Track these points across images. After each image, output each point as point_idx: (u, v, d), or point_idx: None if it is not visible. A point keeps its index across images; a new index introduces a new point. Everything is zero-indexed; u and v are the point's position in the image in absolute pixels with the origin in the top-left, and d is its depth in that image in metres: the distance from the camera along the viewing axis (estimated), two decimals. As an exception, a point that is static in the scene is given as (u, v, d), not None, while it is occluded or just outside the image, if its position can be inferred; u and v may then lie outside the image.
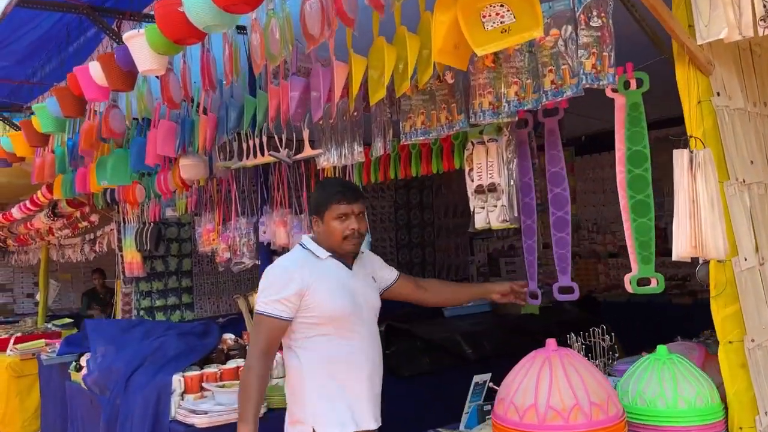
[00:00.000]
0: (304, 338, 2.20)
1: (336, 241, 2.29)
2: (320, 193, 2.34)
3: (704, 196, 1.83)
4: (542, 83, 2.13)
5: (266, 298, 2.16)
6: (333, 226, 2.28)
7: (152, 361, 3.28)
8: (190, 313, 6.19)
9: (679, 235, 1.83)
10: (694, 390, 1.96)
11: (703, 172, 1.83)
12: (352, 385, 2.21)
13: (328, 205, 2.28)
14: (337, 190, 2.30)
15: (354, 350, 2.22)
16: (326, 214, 2.29)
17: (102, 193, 5.17)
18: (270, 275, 2.23)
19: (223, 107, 3.30)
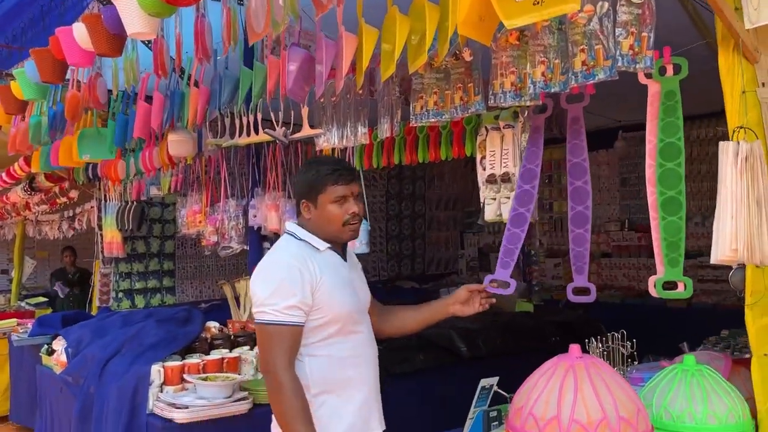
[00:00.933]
0: (311, 344, 1.94)
1: (335, 228, 2.01)
2: (312, 174, 2.01)
3: (752, 194, 1.66)
4: (572, 64, 1.95)
5: (279, 305, 1.86)
6: (330, 211, 1.99)
7: (129, 348, 3.07)
8: (171, 298, 5.98)
9: (719, 236, 1.66)
10: (725, 406, 1.80)
11: (751, 167, 1.66)
12: (360, 388, 1.99)
13: (324, 187, 1.99)
14: (332, 169, 2.00)
15: (359, 350, 2.02)
16: (321, 198, 2.00)
17: (83, 168, 4.92)
18: (275, 274, 1.91)
19: (217, 80, 3.08)
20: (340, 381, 1.94)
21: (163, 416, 2.64)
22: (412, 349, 3.88)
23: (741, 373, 2.12)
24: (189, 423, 2.59)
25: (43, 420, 3.78)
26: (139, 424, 2.67)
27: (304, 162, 2.13)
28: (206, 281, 6.25)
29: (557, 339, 4.55)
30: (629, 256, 6.87)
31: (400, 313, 2.29)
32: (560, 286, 7.30)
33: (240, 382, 2.84)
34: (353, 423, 1.96)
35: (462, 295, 2.17)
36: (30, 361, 4.79)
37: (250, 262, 4.11)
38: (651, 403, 1.87)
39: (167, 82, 3.26)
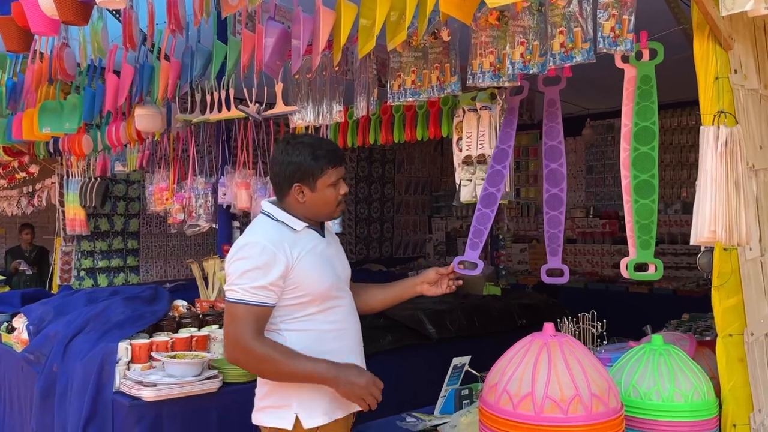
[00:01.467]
0: (292, 319, 1.95)
1: (329, 209, 2.03)
2: (309, 157, 1.96)
3: (730, 177, 1.70)
4: (551, 46, 1.95)
5: (248, 284, 1.86)
6: (327, 194, 2.00)
7: (94, 326, 3.00)
8: (136, 277, 5.87)
9: (698, 218, 1.69)
10: (691, 384, 1.84)
11: (731, 151, 1.69)
12: (343, 359, 1.98)
13: (324, 170, 1.97)
14: (328, 152, 2.00)
15: (341, 324, 2.02)
16: (320, 181, 1.98)
17: (44, 143, 4.77)
18: (248, 255, 1.89)
19: (188, 53, 3.01)
20: (323, 354, 1.93)
21: (131, 394, 2.59)
22: (381, 329, 3.90)
23: (705, 354, 2.18)
24: (157, 401, 2.55)
25: (2, 398, 3.68)
26: (105, 401, 2.62)
27: (284, 140, 2.07)
28: (172, 260, 6.15)
29: (524, 322, 4.62)
30: (593, 242, 7.01)
31: (370, 290, 2.30)
32: (526, 271, 7.41)
33: (209, 361, 2.80)
34: (334, 397, 1.96)
35: (431, 276, 2.19)
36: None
37: (219, 241, 4.06)
38: (620, 381, 1.91)
39: (136, 54, 3.17)
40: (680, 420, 1.81)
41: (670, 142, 6.54)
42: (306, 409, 1.94)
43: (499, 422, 1.66)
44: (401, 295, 2.26)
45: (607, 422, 1.62)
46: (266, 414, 1.98)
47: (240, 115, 3.02)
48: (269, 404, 1.98)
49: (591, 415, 1.61)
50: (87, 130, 4.29)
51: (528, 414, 1.61)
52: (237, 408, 2.72)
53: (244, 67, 2.60)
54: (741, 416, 1.86)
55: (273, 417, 1.96)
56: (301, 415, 1.93)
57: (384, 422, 2.19)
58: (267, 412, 1.99)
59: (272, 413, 1.97)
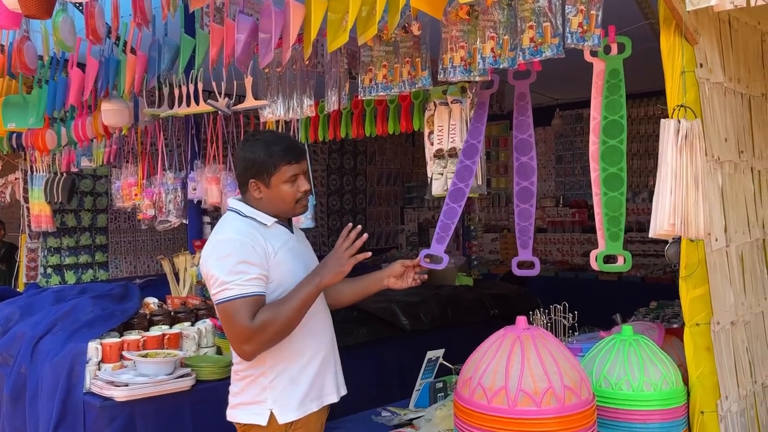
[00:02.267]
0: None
1: (287, 207, 2.02)
2: (263, 153, 1.97)
3: (690, 170, 1.73)
4: (521, 40, 1.97)
5: (240, 279, 1.85)
6: (284, 191, 1.99)
7: (63, 326, 2.94)
8: (104, 273, 5.78)
9: (658, 211, 1.72)
10: (660, 373, 1.88)
11: (690, 145, 1.72)
12: (313, 356, 2.00)
13: (277, 167, 1.97)
14: (284, 149, 1.98)
15: (311, 320, 2.01)
16: (274, 178, 1.98)
17: (6, 137, 4.65)
18: (228, 251, 1.88)
19: (155, 47, 2.95)
20: (296, 350, 1.95)
21: (102, 394, 2.56)
22: (355, 322, 3.90)
23: (673, 342, 2.23)
24: (129, 401, 2.52)
25: (-31, 401, 3.60)
26: (76, 402, 2.57)
27: (245, 137, 2.06)
28: (141, 256, 6.06)
29: (496, 312, 4.67)
30: (563, 231, 7.10)
31: (338, 286, 2.28)
32: (497, 260, 7.48)
33: (182, 359, 2.78)
34: (308, 391, 1.98)
35: (396, 270, 2.17)
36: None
37: (189, 237, 4.02)
38: (591, 372, 1.95)
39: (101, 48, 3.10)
40: (650, 409, 1.85)
41: (637, 132, 6.63)
42: (280, 404, 1.94)
43: (473, 416, 1.67)
44: (368, 289, 2.26)
45: (579, 413, 1.65)
46: (240, 410, 1.98)
47: (209, 110, 2.98)
48: (243, 401, 1.98)
49: (564, 407, 1.63)
50: (51, 125, 4.19)
51: (502, 407, 1.63)
52: (211, 405, 2.70)
53: (213, 60, 2.57)
54: (708, 403, 1.91)
55: (247, 413, 1.96)
56: (275, 410, 1.93)
57: (359, 417, 2.20)
58: (241, 408, 1.98)
59: (246, 409, 1.97)
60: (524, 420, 1.62)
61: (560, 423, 1.62)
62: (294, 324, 1.90)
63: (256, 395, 1.96)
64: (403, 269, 2.17)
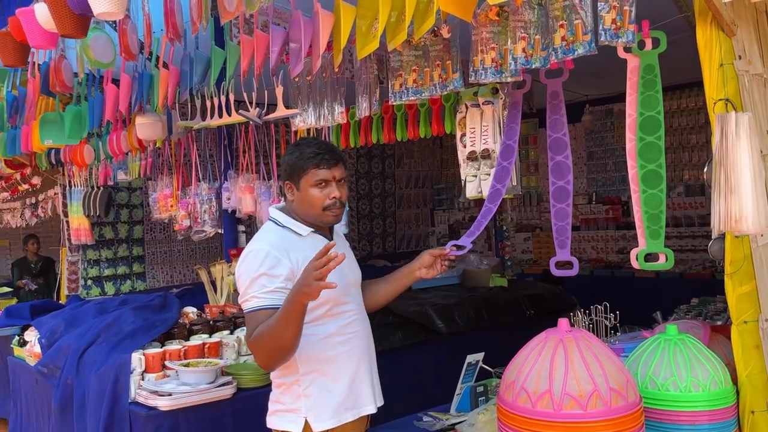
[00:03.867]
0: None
1: (315, 212, 2.01)
2: (295, 155, 2.00)
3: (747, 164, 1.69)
4: (552, 39, 1.95)
5: (258, 291, 1.86)
6: (312, 195, 1.99)
7: (106, 337, 3.01)
8: (142, 283, 5.88)
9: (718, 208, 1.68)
10: (708, 373, 1.84)
11: (747, 137, 1.69)
12: (349, 364, 2.00)
13: (306, 170, 1.98)
14: (315, 152, 1.99)
15: (349, 328, 2.02)
16: (303, 180, 1.99)
17: (45, 154, 4.78)
18: (254, 262, 1.89)
19: (187, 60, 3.00)
20: (328, 358, 1.95)
21: (147, 404, 2.60)
22: (391, 327, 3.91)
23: (719, 341, 2.18)
24: (173, 410, 2.56)
25: (18, 411, 3.69)
26: (122, 412, 2.63)
27: (293, 143, 2.09)
28: (177, 266, 6.16)
29: (531, 313, 4.63)
30: (597, 229, 7.00)
31: (373, 287, 2.29)
32: (530, 260, 7.41)
33: (222, 367, 2.81)
34: (343, 400, 1.97)
35: (426, 260, 2.18)
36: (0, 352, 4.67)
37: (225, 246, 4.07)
38: (636, 373, 1.91)
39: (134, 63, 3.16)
40: (699, 410, 1.81)
41: (670, 125, 6.52)
42: (314, 412, 1.94)
43: (518, 420, 1.66)
44: (401, 283, 2.26)
45: (626, 416, 1.62)
46: (278, 417, 2.00)
47: (241, 120, 3.02)
48: (280, 408, 2.00)
49: (610, 409, 1.61)
50: (88, 140, 4.29)
51: (547, 411, 1.62)
52: (252, 413, 2.73)
53: (244, 71, 2.60)
54: (759, 402, 1.86)
55: (284, 420, 1.97)
56: (309, 418, 1.94)
57: (400, 422, 2.19)
58: (278, 415, 2.00)
59: (283, 417, 1.98)
60: (570, 424, 1.60)
61: (607, 426, 1.59)
62: (284, 341, 1.80)
63: (291, 403, 1.97)
64: (432, 259, 2.18)
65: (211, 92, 3.06)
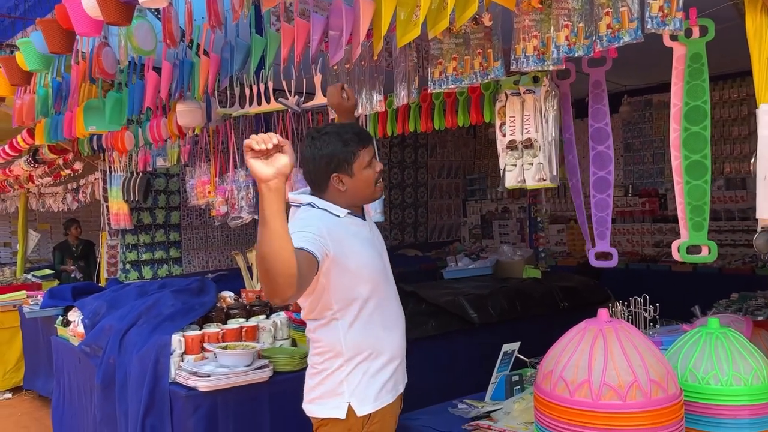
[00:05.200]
0: (343, 307, 1.93)
1: (370, 190, 2.01)
2: (335, 145, 1.95)
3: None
4: (597, 27, 1.92)
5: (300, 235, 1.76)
6: (366, 175, 1.98)
7: (147, 319, 3.08)
8: (178, 268, 5.99)
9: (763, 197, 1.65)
10: (750, 367, 1.82)
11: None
12: (390, 348, 1.99)
13: (357, 153, 1.96)
14: (355, 134, 1.99)
15: (388, 309, 2.02)
16: (355, 165, 1.97)
17: (87, 140, 4.89)
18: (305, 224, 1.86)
19: (227, 48, 3.04)
20: (372, 343, 1.95)
21: (186, 384, 2.66)
22: (424, 315, 3.91)
23: (762, 335, 2.14)
24: (212, 391, 2.61)
25: (61, 389, 3.81)
26: (162, 391, 2.69)
27: (310, 137, 2.03)
28: (212, 251, 6.26)
29: (566, 305, 4.59)
30: (633, 222, 6.90)
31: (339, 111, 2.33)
32: (564, 252, 7.34)
33: (260, 350, 2.86)
34: (385, 383, 1.98)
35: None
36: (43, 332, 4.82)
37: (261, 232, 4.10)
38: (676, 366, 1.89)
39: (175, 51, 3.21)
40: (740, 404, 1.79)
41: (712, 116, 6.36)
42: (357, 397, 1.93)
43: (556, 409, 1.66)
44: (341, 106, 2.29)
45: (666, 408, 1.61)
46: (318, 405, 1.97)
47: (280, 108, 3.05)
48: (320, 394, 1.97)
49: (650, 401, 1.60)
50: (128, 126, 4.38)
51: (586, 401, 1.61)
52: (288, 396, 2.77)
53: (284, 59, 2.62)
54: (802, 399, 1.83)
55: (325, 407, 1.95)
56: (353, 403, 1.92)
57: (435, 409, 2.21)
58: (318, 402, 1.97)
59: (324, 403, 1.95)
60: (609, 414, 1.59)
61: (647, 417, 1.58)
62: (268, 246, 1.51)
63: (333, 389, 1.94)
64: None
65: (251, 80, 3.10)
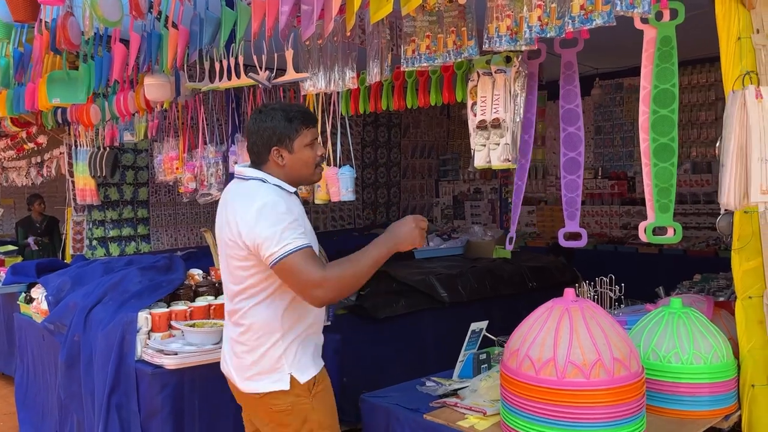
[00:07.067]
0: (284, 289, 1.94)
1: (309, 171, 2.06)
2: (279, 120, 2.00)
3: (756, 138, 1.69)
4: (570, 8, 1.92)
5: (294, 233, 1.86)
6: (306, 154, 2.02)
7: (113, 296, 3.04)
8: (146, 245, 5.90)
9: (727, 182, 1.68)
10: (710, 346, 1.87)
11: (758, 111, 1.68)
12: (315, 323, 2.08)
13: (299, 131, 2.00)
14: (301, 113, 2.03)
15: None
16: (296, 142, 2.01)
17: (52, 113, 4.76)
18: (277, 213, 1.89)
19: (197, 21, 2.96)
20: (300, 314, 2.01)
21: (153, 362, 2.64)
22: (394, 294, 3.93)
23: (722, 315, 2.20)
24: (178, 369, 2.59)
25: (25, 367, 3.75)
26: (128, 369, 2.66)
27: (257, 110, 2.08)
28: (181, 229, 6.18)
29: (534, 284, 4.65)
30: (602, 204, 6.99)
31: None
32: (534, 233, 7.42)
33: (228, 329, 2.83)
34: (314, 349, 2.07)
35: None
36: (5, 310, 4.73)
37: (231, 209, 4.04)
38: (639, 345, 1.94)
39: (143, 23, 3.12)
40: (700, 382, 1.84)
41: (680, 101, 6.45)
42: (297, 366, 1.98)
43: (521, 387, 1.68)
44: None
45: (628, 385, 1.64)
46: (258, 381, 1.99)
47: (250, 83, 2.99)
48: (258, 371, 1.99)
49: (613, 378, 1.63)
50: (94, 100, 4.26)
51: (551, 379, 1.64)
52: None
53: (254, 33, 2.57)
54: (759, 377, 1.89)
55: (267, 382, 1.97)
56: (294, 373, 1.97)
57: (404, 386, 2.22)
58: (258, 379, 1.99)
59: (264, 378, 1.98)
60: (573, 391, 1.62)
61: (610, 394, 1.62)
62: (363, 281, 1.88)
63: (271, 364, 1.97)
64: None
65: (221, 54, 3.03)
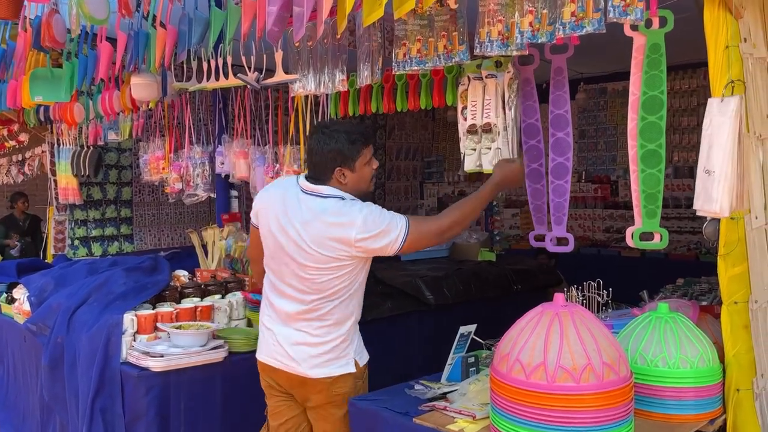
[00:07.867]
0: (360, 283, 2.27)
1: (366, 185, 2.30)
2: (343, 142, 2.20)
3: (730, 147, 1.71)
4: (561, 14, 1.93)
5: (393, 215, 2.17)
6: (366, 171, 2.26)
7: (97, 298, 3.00)
8: (130, 245, 5.84)
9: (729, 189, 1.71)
10: (696, 351, 1.89)
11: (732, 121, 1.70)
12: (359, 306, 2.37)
13: (360, 152, 2.22)
14: (362, 134, 2.25)
15: None
16: (359, 162, 2.22)
17: (34, 110, 4.69)
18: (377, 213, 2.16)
19: (185, 20, 2.94)
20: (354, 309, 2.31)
21: (138, 365, 2.61)
22: (380, 296, 3.92)
23: (707, 320, 2.23)
24: (164, 371, 2.57)
25: (5, 368, 3.69)
26: (113, 372, 2.63)
27: (317, 129, 2.29)
28: (165, 229, 6.13)
29: (519, 287, 4.68)
30: (585, 207, 7.05)
31: None
32: (518, 236, 7.46)
33: (214, 331, 2.82)
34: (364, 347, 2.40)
35: None
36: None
37: (217, 210, 4.04)
38: (626, 349, 1.95)
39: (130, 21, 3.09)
40: (686, 386, 1.86)
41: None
42: (357, 351, 2.31)
43: (512, 391, 1.69)
44: None
45: (618, 390, 1.66)
46: (328, 367, 2.25)
47: (238, 84, 2.98)
48: (329, 358, 2.25)
49: (603, 383, 1.64)
50: (78, 98, 4.21)
51: (541, 383, 1.65)
52: (243, 376, 2.75)
53: (244, 35, 2.55)
54: (744, 381, 1.91)
55: (336, 366, 2.25)
56: (357, 357, 2.29)
57: (393, 390, 2.22)
58: (328, 366, 2.25)
59: (335, 364, 2.25)
60: (563, 396, 1.63)
61: (599, 399, 1.63)
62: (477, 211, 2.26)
63: (341, 351, 2.26)
64: None
65: (209, 54, 3.02)
